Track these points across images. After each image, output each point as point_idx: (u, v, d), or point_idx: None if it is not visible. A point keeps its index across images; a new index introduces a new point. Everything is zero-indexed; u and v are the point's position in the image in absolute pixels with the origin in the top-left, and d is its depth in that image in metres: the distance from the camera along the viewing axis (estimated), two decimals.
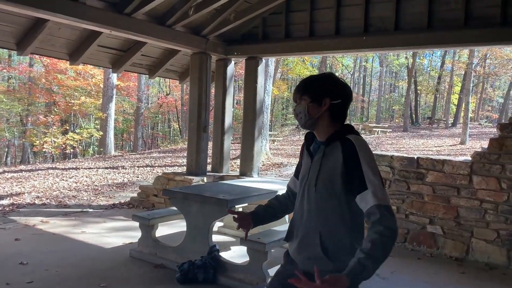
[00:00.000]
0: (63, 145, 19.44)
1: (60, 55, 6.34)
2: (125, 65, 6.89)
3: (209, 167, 7.20)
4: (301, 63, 27.15)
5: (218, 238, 5.21)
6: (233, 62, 7.14)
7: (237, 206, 4.32)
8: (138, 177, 10.92)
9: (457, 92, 32.67)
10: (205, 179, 6.65)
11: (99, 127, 19.54)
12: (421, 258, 4.92)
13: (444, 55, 33.78)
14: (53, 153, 19.95)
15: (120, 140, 30.61)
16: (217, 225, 5.46)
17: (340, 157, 1.77)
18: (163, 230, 5.31)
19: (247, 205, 4.59)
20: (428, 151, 17.11)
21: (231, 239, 5.32)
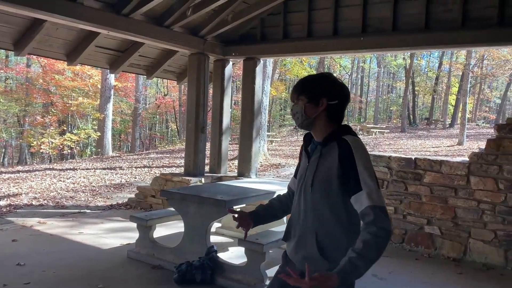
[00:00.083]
0: (61, 146, 19.41)
1: (57, 56, 6.33)
2: (122, 65, 6.89)
3: (207, 168, 7.19)
4: (299, 63, 27.16)
5: (216, 239, 5.21)
6: (231, 62, 7.13)
7: (235, 207, 4.31)
8: (135, 178, 10.90)
9: (455, 93, 32.75)
10: (203, 180, 6.64)
11: (96, 127, 19.51)
12: (419, 258, 4.93)
13: (441, 56, 33.89)
14: (51, 153, 19.91)
15: (117, 140, 30.56)
16: (215, 226, 5.46)
17: (336, 158, 1.77)
18: (160, 231, 5.31)
19: (245, 206, 4.58)
20: (425, 151, 17.14)
21: (229, 240, 5.32)
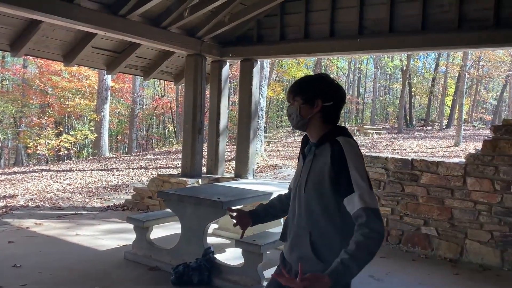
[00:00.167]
0: (57, 147, 19.34)
1: (54, 57, 6.32)
2: (119, 66, 6.88)
3: (204, 169, 7.19)
4: (296, 65, 27.21)
5: (213, 240, 5.20)
6: (228, 64, 7.13)
7: (232, 208, 4.31)
8: (132, 179, 10.88)
9: (451, 94, 32.83)
10: (200, 181, 6.64)
11: (93, 128, 19.45)
12: (415, 259, 4.94)
13: (438, 57, 33.95)
14: (47, 155, 19.86)
15: (114, 142, 30.49)
16: (212, 227, 5.45)
17: (328, 159, 1.77)
18: (157, 232, 5.30)
19: (242, 207, 4.58)
20: (422, 152, 17.17)
21: (226, 241, 5.32)
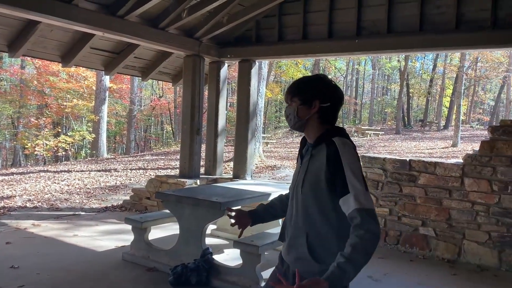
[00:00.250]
0: (55, 148, 19.32)
1: (52, 57, 6.31)
2: (117, 67, 6.87)
3: (202, 170, 7.18)
4: (294, 65, 27.22)
5: (211, 241, 5.20)
6: (226, 64, 7.14)
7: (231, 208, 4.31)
8: (130, 180, 10.87)
9: (449, 95, 32.93)
10: (198, 182, 6.64)
11: (91, 129, 19.43)
12: (413, 260, 4.95)
13: (436, 58, 34.05)
14: (45, 155, 19.83)
15: (112, 142, 30.46)
16: (210, 228, 5.45)
17: (324, 160, 1.76)
18: (156, 233, 5.29)
19: (240, 207, 4.58)
20: (420, 153, 17.21)
21: (224, 242, 5.31)
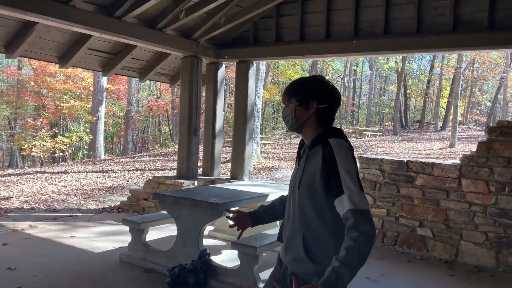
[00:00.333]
0: (52, 149, 19.28)
1: (49, 58, 6.30)
2: (115, 68, 6.86)
3: (200, 171, 7.18)
4: (292, 66, 27.24)
5: (209, 242, 5.19)
6: (224, 65, 7.14)
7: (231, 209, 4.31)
8: (128, 181, 10.85)
9: (446, 96, 33.00)
10: (196, 183, 6.63)
11: (88, 130, 19.40)
12: (411, 260, 4.95)
13: (433, 59, 34.13)
14: (42, 157, 19.78)
15: (110, 143, 30.41)
16: (208, 229, 5.45)
17: (320, 161, 1.76)
18: (153, 234, 5.28)
19: (238, 208, 4.58)
20: (417, 154, 17.25)
21: (222, 243, 5.31)
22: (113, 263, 4.51)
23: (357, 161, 3.25)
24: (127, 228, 4.67)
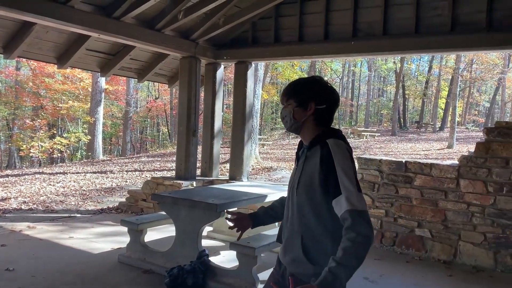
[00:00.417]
0: (51, 150, 19.23)
1: (47, 59, 6.29)
2: (113, 69, 6.85)
3: (198, 172, 7.18)
4: (291, 67, 27.28)
5: (207, 242, 5.19)
6: (222, 66, 7.14)
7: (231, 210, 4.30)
8: (126, 182, 10.84)
9: (444, 96, 33.04)
10: (194, 184, 6.62)
11: (87, 131, 19.37)
12: (409, 261, 4.95)
13: (431, 60, 34.18)
14: (40, 157, 19.73)
15: (108, 144, 30.37)
16: (207, 230, 5.44)
17: (318, 161, 1.77)
18: (152, 235, 5.28)
19: (236, 209, 4.58)
20: (416, 155, 17.26)
21: (220, 244, 5.31)
22: (112, 264, 4.50)
23: (356, 161, 3.26)
24: (125, 229, 4.66)
